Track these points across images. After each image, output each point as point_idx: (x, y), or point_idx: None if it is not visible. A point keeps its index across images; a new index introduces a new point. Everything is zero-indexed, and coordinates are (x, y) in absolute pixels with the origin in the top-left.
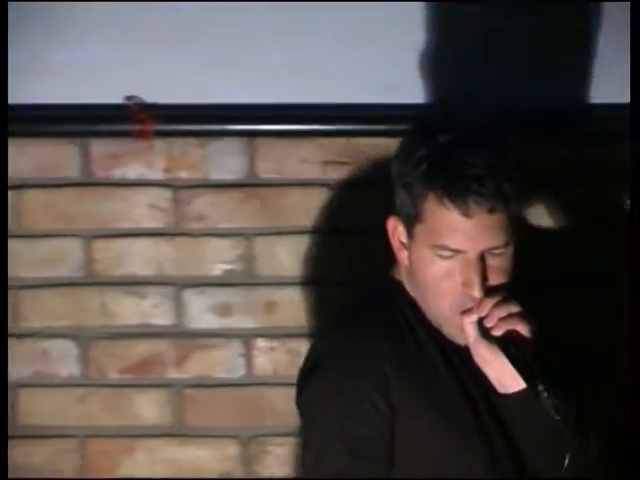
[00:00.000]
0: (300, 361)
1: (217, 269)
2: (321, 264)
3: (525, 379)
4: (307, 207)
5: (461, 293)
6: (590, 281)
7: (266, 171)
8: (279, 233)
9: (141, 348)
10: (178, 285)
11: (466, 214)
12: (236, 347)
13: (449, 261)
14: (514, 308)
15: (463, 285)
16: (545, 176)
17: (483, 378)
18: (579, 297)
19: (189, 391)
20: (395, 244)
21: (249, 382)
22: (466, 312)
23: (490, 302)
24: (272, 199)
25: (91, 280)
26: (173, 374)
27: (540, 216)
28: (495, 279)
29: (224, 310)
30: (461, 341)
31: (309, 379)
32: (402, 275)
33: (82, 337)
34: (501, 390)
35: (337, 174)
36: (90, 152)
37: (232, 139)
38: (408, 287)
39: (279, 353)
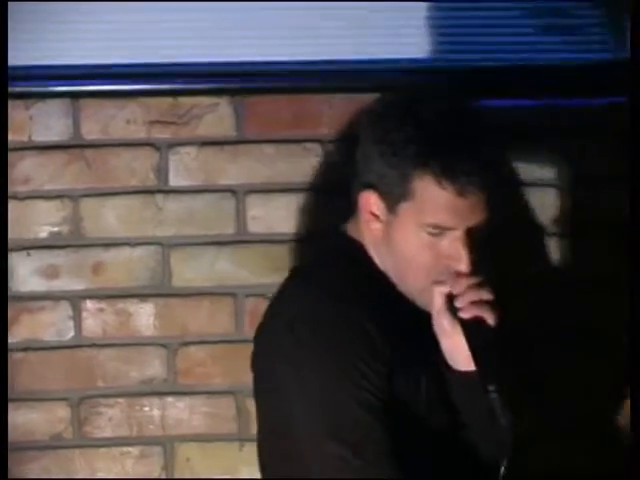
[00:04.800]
0: (128, 321)
1: (44, 231)
2: (147, 225)
3: (480, 372)
4: (133, 168)
5: (441, 266)
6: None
7: (91, 132)
8: (105, 194)
9: None
10: None
11: (461, 193)
12: (64, 309)
13: (436, 237)
14: (486, 295)
15: (448, 259)
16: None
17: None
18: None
19: (19, 355)
20: (365, 216)
21: (78, 344)
22: (439, 282)
23: (466, 282)
24: (98, 160)
25: None
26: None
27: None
28: (478, 252)
29: (51, 272)
30: (432, 310)
31: (280, 348)
32: (363, 237)
33: None
34: (450, 363)
35: (163, 134)
36: None
37: (56, 100)
38: (374, 254)
39: (108, 314)
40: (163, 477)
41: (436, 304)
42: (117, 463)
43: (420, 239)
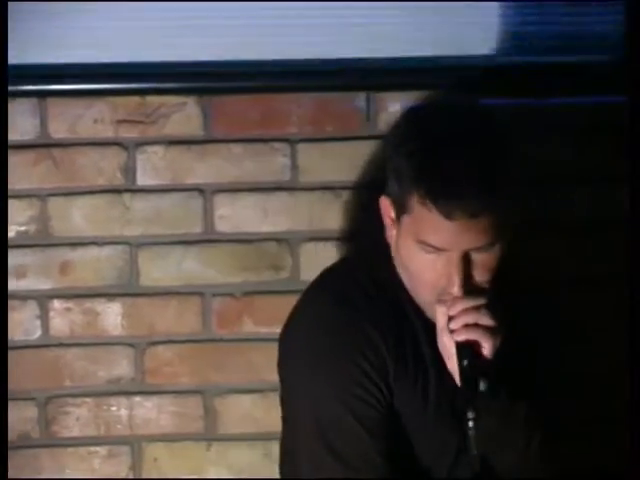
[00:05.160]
0: (96, 320)
1: (11, 230)
2: (115, 224)
3: (463, 396)
4: (100, 167)
5: (442, 284)
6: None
7: (58, 131)
8: (73, 193)
9: None
10: None
11: (448, 217)
12: (32, 309)
13: (433, 255)
14: (484, 319)
15: (445, 279)
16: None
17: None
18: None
19: None
20: (387, 221)
21: (46, 343)
22: (442, 301)
23: (462, 305)
24: (65, 159)
25: None
26: None
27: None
28: (478, 275)
29: (19, 272)
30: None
31: (294, 355)
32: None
33: None
34: (456, 379)
35: (130, 133)
36: None
37: (22, 99)
38: (396, 261)
39: (75, 314)
40: (130, 477)
41: (439, 323)
42: (84, 463)
43: (418, 255)
